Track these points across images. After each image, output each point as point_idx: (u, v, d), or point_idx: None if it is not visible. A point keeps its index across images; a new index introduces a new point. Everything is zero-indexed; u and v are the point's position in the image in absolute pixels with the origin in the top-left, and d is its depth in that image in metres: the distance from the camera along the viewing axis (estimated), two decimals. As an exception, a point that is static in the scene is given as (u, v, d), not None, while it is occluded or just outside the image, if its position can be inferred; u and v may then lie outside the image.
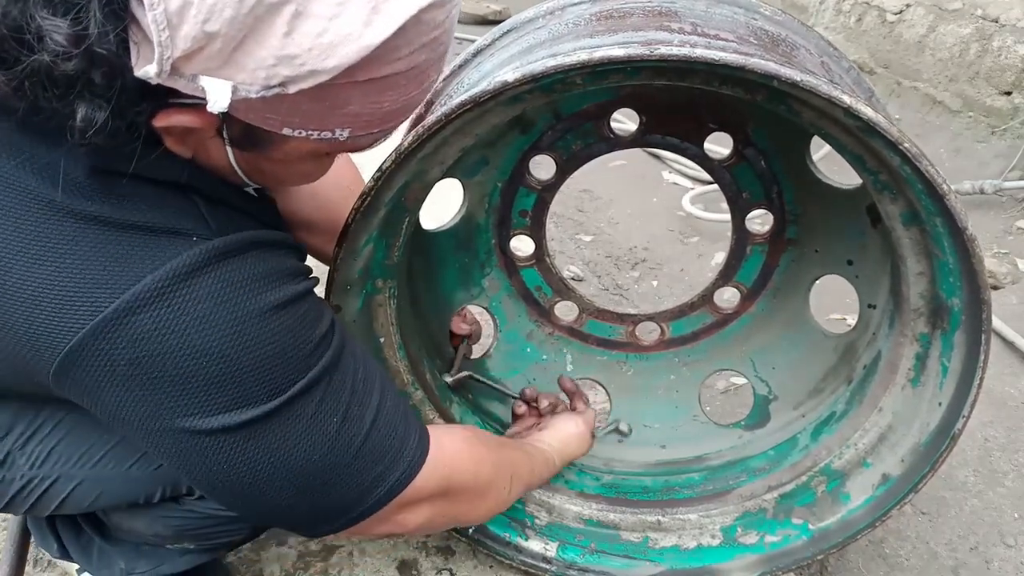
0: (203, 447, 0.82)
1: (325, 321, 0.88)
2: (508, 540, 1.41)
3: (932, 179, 0.95)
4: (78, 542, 1.20)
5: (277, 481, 0.86)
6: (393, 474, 0.92)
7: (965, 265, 1.05)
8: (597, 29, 1.06)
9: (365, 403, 0.90)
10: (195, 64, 0.69)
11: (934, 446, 1.20)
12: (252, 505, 0.90)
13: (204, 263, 0.78)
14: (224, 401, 0.80)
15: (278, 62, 0.70)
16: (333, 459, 0.87)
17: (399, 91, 0.77)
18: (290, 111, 0.74)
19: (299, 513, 0.93)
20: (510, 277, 1.58)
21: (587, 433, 1.39)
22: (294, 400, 0.83)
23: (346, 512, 0.92)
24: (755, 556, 1.37)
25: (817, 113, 1.01)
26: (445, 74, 1.28)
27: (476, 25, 5.46)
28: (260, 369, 0.80)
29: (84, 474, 1.03)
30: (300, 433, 0.84)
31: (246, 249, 0.82)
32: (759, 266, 1.53)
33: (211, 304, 0.78)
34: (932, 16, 3.37)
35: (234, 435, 0.82)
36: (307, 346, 0.84)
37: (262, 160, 0.84)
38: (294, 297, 0.84)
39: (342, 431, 0.87)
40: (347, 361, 0.90)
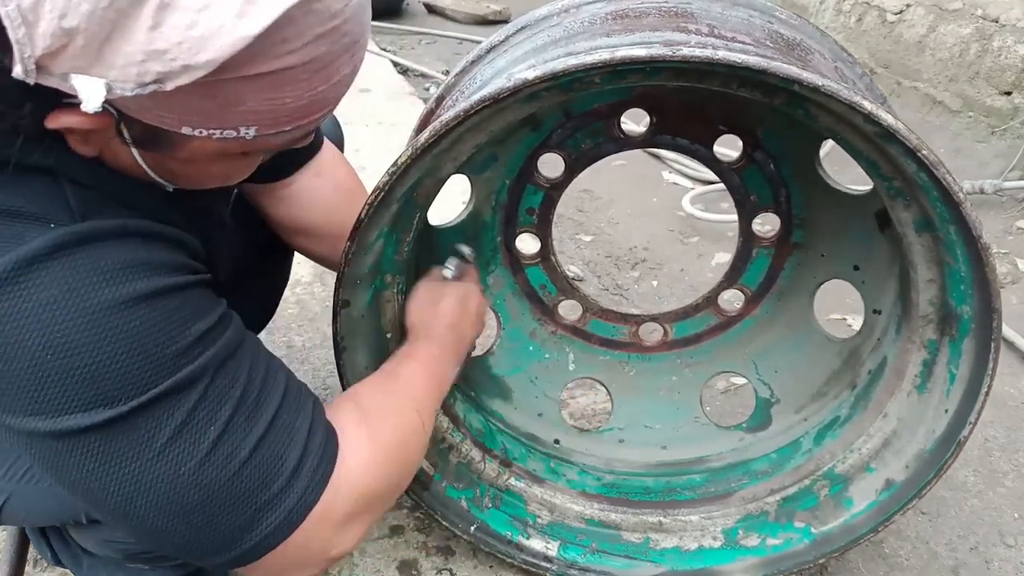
0: (59, 450, 0.75)
1: (207, 320, 0.81)
2: (509, 539, 1.40)
3: (948, 187, 0.95)
4: (68, 553, 1.18)
5: (145, 496, 0.77)
6: (289, 498, 0.82)
7: (978, 273, 1.05)
8: (613, 28, 1.06)
9: (254, 417, 0.81)
10: (62, 62, 0.65)
11: (939, 453, 1.20)
12: (128, 523, 0.80)
13: (56, 248, 0.73)
14: (74, 400, 0.73)
15: (147, 57, 0.65)
16: (206, 477, 0.78)
17: (299, 86, 0.72)
18: (183, 109, 0.70)
19: (183, 539, 0.82)
20: (515, 275, 1.58)
21: (429, 288, 1.26)
22: (156, 402, 0.75)
23: (234, 542, 0.82)
24: (756, 558, 1.37)
25: (835, 118, 1.01)
26: (457, 70, 1.27)
27: (476, 25, 5.44)
28: (113, 365, 0.73)
29: (11, 488, 0.99)
30: (166, 441, 0.76)
31: (107, 237, 0.76)
32: (764, 269, 1.53)
33: (58, 291, 0.72)
34: (932, 16, 3.38)
35: (88, 438, 0.74)
36: (175, 345, 0.76)
37: (169, 161, 0.80)
38: (161, 290, 0.77)
39: (219, 446, 0.78)
40: (237, 366, 0.82)
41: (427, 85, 4.18)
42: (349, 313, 1.19)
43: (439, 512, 1.36)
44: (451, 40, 5.06)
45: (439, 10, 5.75)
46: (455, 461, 1.43)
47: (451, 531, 1.38)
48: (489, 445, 1.49)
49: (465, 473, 1.43)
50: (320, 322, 2.07)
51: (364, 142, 3.16)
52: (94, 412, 0.74)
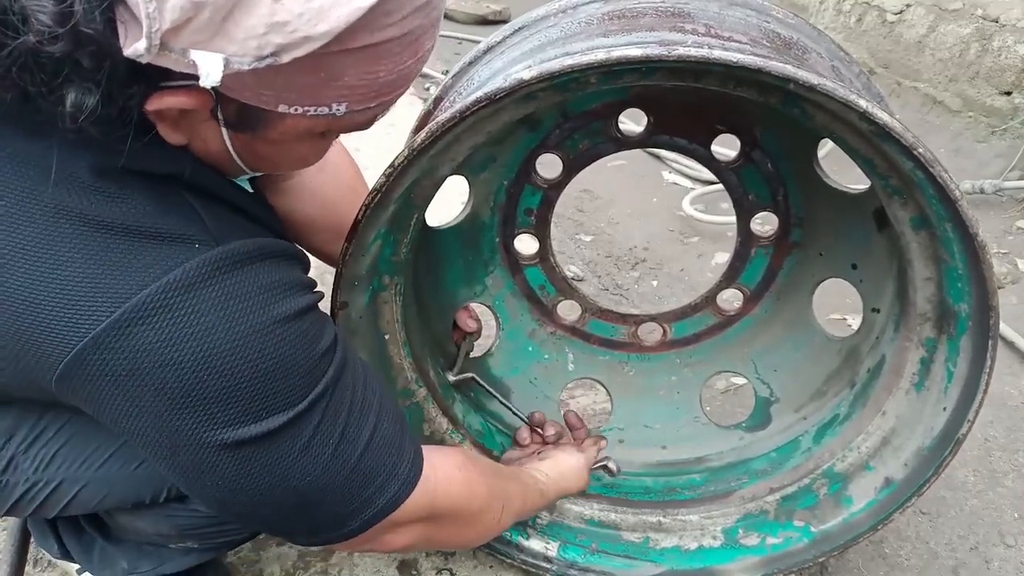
0: (200, 462, 0.81)
1: (328, 335, 0.87)
2: (509, 539, 1.40)
3: (945, 184, 0.95)
4: (79, 542, 1.19)
5: (271, 499, 0.85)
6: (384, 496, 0.91)
7: (974, 271, 1.05)
8: (610, 28, 1.06)
9: (362, 423, 0.89)
10: (184, 37, 0.67)
11: (938, 451, 1.20)
12: (245, 518, 0.90)
13: (208, 274, 0.77)
14: (224, 417, 0.78)
15: (268, 30, 0.67)
16: (327, 480, 0.86)
17: (394, 59, 0.75)
18: (285, 85, 0.72)
19: (289, 527, 0.93)
20: (513, 276, 1.58)
21: (585, 469, 1.36)
22: (296, 420, 0.82)
23: (334, 529, 0.92)
24: (756, 558, 1.37)
25: (831, 116, 1.01)
26: (454, 71, 1.27)
27: (476, 25, 5.43)
28: (262, 385, 0.79)
29: (89, 476, 1.02)
30: (298, 454, 0.83)
31: (251, 260, 0.81)
32: (763, 268, 1.53)
33: (213, 317, 0.76)
34: (932, 16, 3.38)
35: (232, 452, 0.80)
36: (310, 361, 0.83)
37: (258, 142, 0.82)
38: (299, 311, 0.83)
39: (338, 451, 0.86)
40: (347, 378, 0.88)
41: (427, 85, 4.18)
42: (347, 314, 1.19)
43: (438, 512, 1.36)
44: (451, 40, 5.06)
45: (439, 11, 5.74)
46: (454, 461, 1.43)
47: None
48: (488, 446, 1.49)
49: (465, 473, 1.44)
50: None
51: (364, 142, 3.15)
52: (239, 428, 0.79)
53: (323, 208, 1.34)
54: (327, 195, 1.34)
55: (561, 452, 1.36)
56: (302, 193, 1.31)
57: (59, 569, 1.36)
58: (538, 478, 1.27)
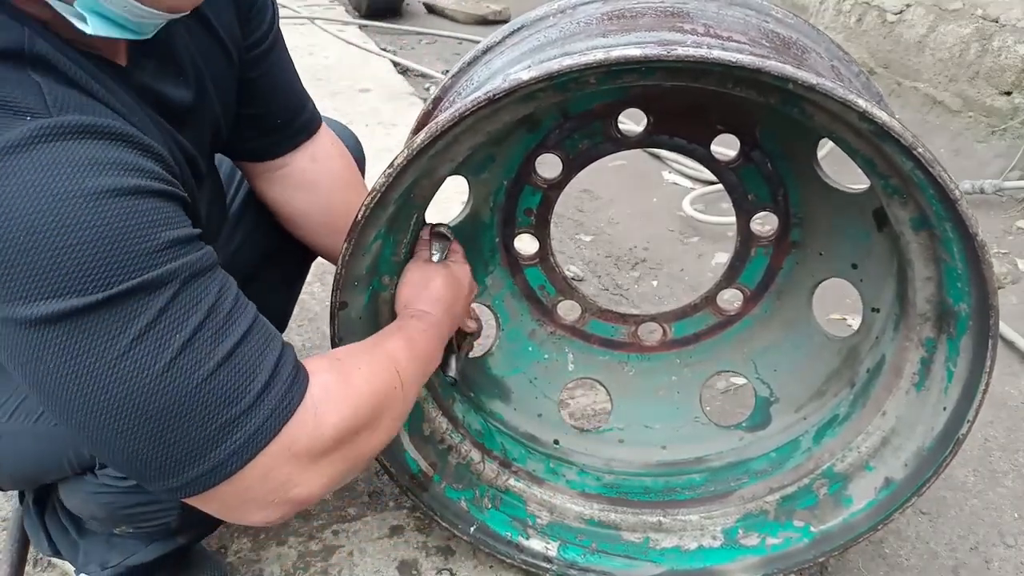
0: (23, 339, 0.74)
1: (179, 231, 0.79)
2: (509, 539, 1.41)
3: (944, 184, 0.95)
4: (66, 540, 1.19)
5: (104, 397, 0.75)
6: (252, 420, 0.80)
7: (974, 270, 1.05)
8: (609, 28, 1.06)
9: (223, 332, 0.79)
10: None
11: (938, 451, 1.20)
12: (85, 429, 0.78)
13: (30, 139, 0.72)
14: (41, 285, 0.72)
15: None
16: (170, 384, 0.76)
17: None
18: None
19: (140, 451, 0.79)
20: (513, 276, 1.58)
21: (418, 266, 1.23)
22: (123, 297, 0.74)
23: (192, 461, 0.79)
24: (756, 558, 1.37)
25: (830, 116, 1.01)
26: (454, 71, 1.27)
27: (476, 25, 5.44)
28: (82, 254, 0.72)
29: (2, 428, 1.01)
30: (130, 341, 0.74)
31: (83, 133, 0.75)
32: (763, 268, 1.53)
33: (31, 178, 0.71)
34: (932, 16, 3.38)
35: (53, 328, 0.73)
36: (147, 243, 0.75)
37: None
38: (134, 189, 0.76)
39: (184, 353, 0.76)
40: (207, 283, 0.80)
41: (427, 85, 4.19)
42: (347, 314, 1.19)
43: (439, 513, 1.36)
44: (451, 40, 5.07)
45: (439, 10, 5.75)
46: (454, 462, 1.44)
47: (451, 531, 1.38)
48: (488, 446, 1.49)
49: (465, 474, 1.44)
50: (320, 322, 2.07)
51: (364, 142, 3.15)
52: (60, 300, 0.72)
53: (313, 198, 1.32)
54: (320, 185, 1.32)
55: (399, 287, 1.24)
56: (295, 182, 1.30)
57: (59, 569, 1.36)
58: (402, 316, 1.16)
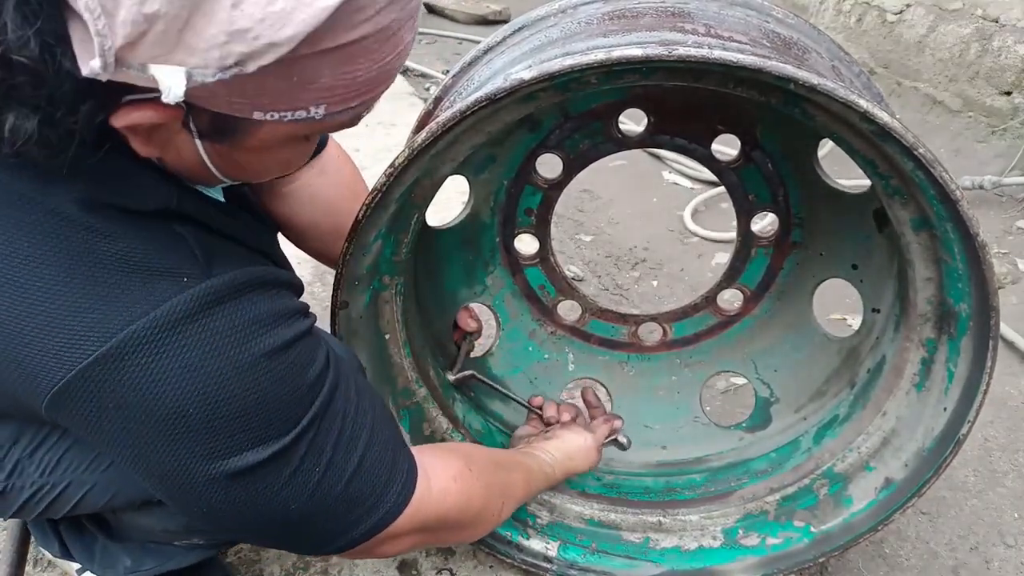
0: (185, 492, 0.82)
1: (319, 362, 0.86)
2: (509, 539, 1.40)
3: (945, 185, 0.95)
4: (81, 541, 1.19)
5: (257, 524, 0.87)
6: (372, 517, 0.91)
7: (975, 271, 1.05)
8: (610, 28, 1.06)
9: (351, 448, 0.88)
10: (141, 52, 0.63)
11: (938, 451, 1.20)
12: (234, 534, 0.94)
13: (195, 310, 0.76)
14: (208, 450, 0.79)
15: (230, 39, 0.63)
16: (313, 506, 0.86)
17: (371, 57, 0.71)
18: (257, 92, 0.69)
19: (277, 543, 0.98)
20: (513, 276, 1.58)
21: (594, 448, 1.36)
22: (281, 453, 0.82)
23: (321, 547, 0.93)
24: (756, 558, 1.37)
25: (831, 117, 1.01)
26: (455, 71, 1.27)
27: (476, 25, 5.43)
28: (246, 419, 0.79)
29: (96, 478, 1.02)
30: (282, 484, 0.83)
31: (239, 292, 0.80)
32: (763, 268, 1.53)
33: (199, 353, 0.76)
34: (932, 16, 3.38)
35: (216, 483, 0.81)
36: (297, 392, 0.83)
37: (236, 152, 0.79)
38: (286, 343, 0.82)
39: (324, 479, 0.86)
40: (337, 405, 0.87)
41: (427, 85, 4.18)
42: (348, 314, 1.19)
43: (439, 512, 1.36)
44: (451, 40, 5.06)
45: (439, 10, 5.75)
46: (455, 461, 1.43)
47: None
48: (489, 446, 1.49)
49: (465, 473, 1.43)
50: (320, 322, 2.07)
51: (364, 142, 3.16)
52: (225, 460, 0.79)
53: (325, 212, 1.33)
54: (329, 198, 1.33)
55: (569, 432, 1.36)
56: (303, 197, 1.31)
57: (59, 569, 1.36)
58: (543, 460, 1.26)
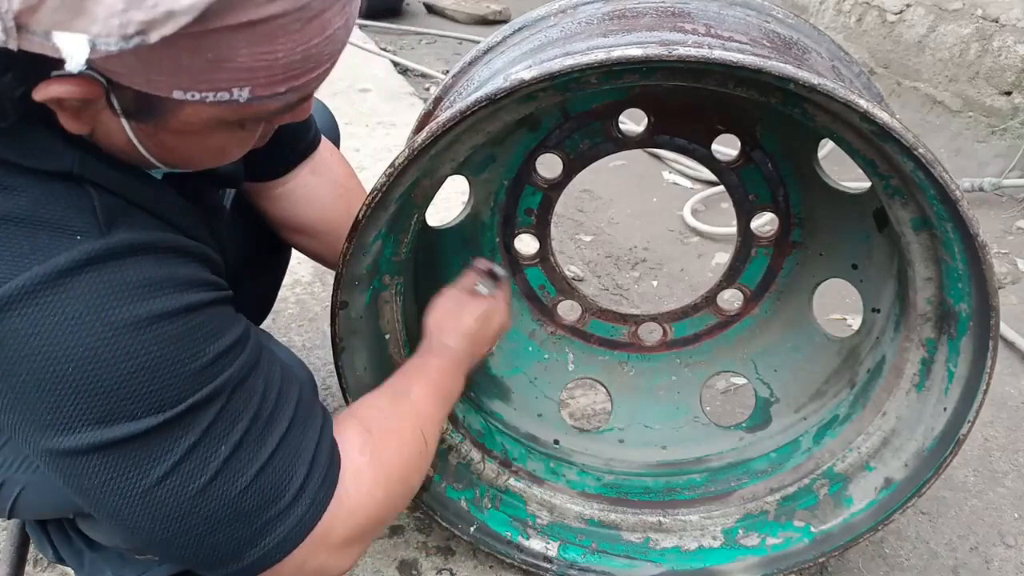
0: (72, 464, 0.75)
1: (228, 337, 0.81)
2: (509, 539, 1.40)
3: (945, 185, 0.95)
4: (70, 548, 1.18)
5: (152, 512, 0.78)
6: (285, 524, 0.83)
7: (975, 271, 1.05)
8: (610, 28, 1.06)
9: (263, 439, 0.81)
10: (43, 18, 0.62)
11: (938, 451, 1.20)
12: (133, 535, 0.81)
13: (82, 264, 0.73)
14: (89, 415, 0.73)
15: (128, 5, 0.62)
16: (213, 497, 0.79)
17: (292, 38, 0.69)
18: (172, 69, 0.67)
19: (186, 552, 0.82)
20: (514, 276, 1.58)
21: (459, 296, 1.24)
22: (172, 422, 0.76)
23: (234, 558, 0.83)
24: (756, 558, 1.37)
25: (831, 117, 1.01)
26: (455, 71, 1.27)
27: (476, 25, 5.44)
28: (132, 382, 0.73)
29: (26, 479, 1.00)
30: (178, 460, 0.76)
31: (132, 252, 0.76)
32: (763, 268, 1.53)
33: (81, 307, 0.72)
34: (932, 16, 3.38)
35: (101, 454, 0.75)
36: (195, 363, 0.77)
37: (163, 133, 0.76)
38: (183, 308, 0.77)
39: (227, 466, 0.79)
40: (252, 387, 0.82)
41: (427, 85, 4.18)
42: (348, 314, 1.19)
43: (439, 513, 1.36)
44: (451, 40, 5.07)
45: (439, 10, 5.75)
46: (455, 462, 1.43)
47: (451, 531, 1.38)
48: (489, 446, 1.49)
49: (465, 474, 1.44)
50: (320, 322, 2.07)
51: (364, 142, 3.16)
52: (108, 428, 0.74)
53: (318, 211, 1.33)
54: (322, 199, 1.33)
55: (433, 302, 1.25)
56: (296, 197, 1.31)
57: (59, 570, 1.36)
58: (432, 346, 1.17)
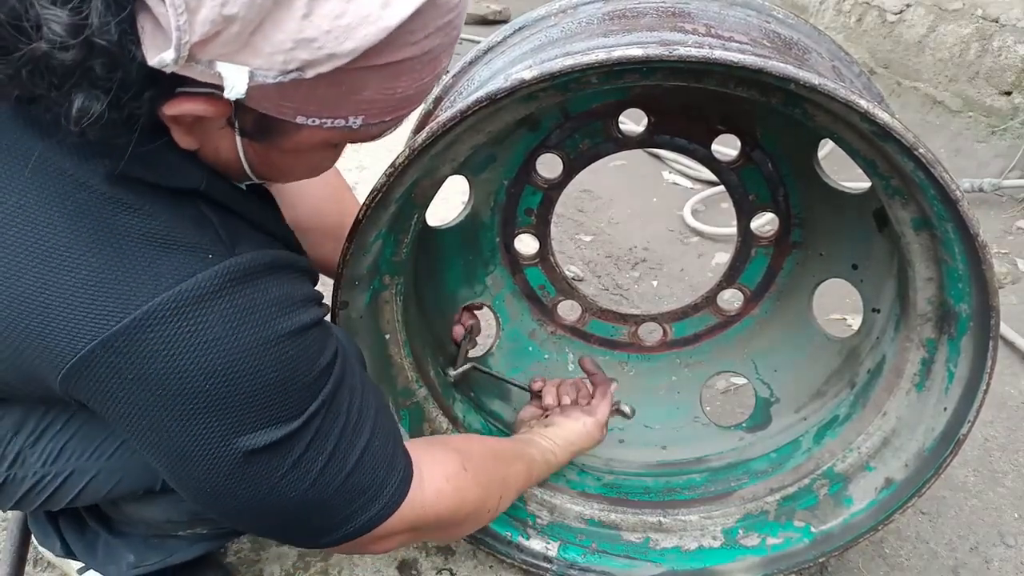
0: (195, 469, 0.83)
1: (329, 350, 0.88)
2: (509, 539, 1.40)
3: (946, 185, 0.95)
4: (83, 538, 1.19)
5: (255, 507, 0.88)
6: (366, 514, 0.92)
7: (975, 271, 1.05)
8: (611, 28, 1.06)
9: (353, 442, 0.90)
10: (212, 49, 0.68)
11: (938, 451, 1.20)
12: (227, 517, 0.93)
13: (219, 285, 0.78)
14: (221, 427, 0.80)
15: (296, 45, 0.68)
16: (312, 495, 0.88)
17: (413, 76, 0.76)
18: (306, 98, 0.73)
19: (270, 532, 1.01)
20: (513, 276, 1.58)
21: (595, 429, 1.36)
22: (290, 436, 0.83)
23: (313, 539, 0.94)
24: (756, 558, 1.37)
25: (831, 117, 1.01)
26: (455, 71, 1.27)
27: (476, 25, 5.43)
28: (261, 398, 0.80)
29: (100, 466, 1.03)
30: (288, 468, 0.85)
31: (261, 272, 0.82)
32: (763, 268, 1.53)
33: (220, 329, 0.78)
34: (932, 16, 3.38)
35: (224, 461, 0.82)
36: (310, 377, 0.84)
37: (272, 152, 0.83)
38: (303, 326, 0.84)
39: (327, 468, 0.87)
40: (343, 395, 0.89)
41: (427, 86, 4.18)
42: (348, 314, 1.19)
43: (439, 512, 1.36)
44: (451, 41, 5.06)
45: (439, 11, 5.74)
46: (455, 461, 1.43)
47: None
48: (489, 440, 1.49)
49: (465, 473, 1.43)
50: (320, 323, 2.07)
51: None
52: (235, 439, 0.81)
53: (309, 211, 1.34)
54: (316, 197, 1.35)
55: (567, 419, 1.36)
56: (287, 198, 1.31)
57: (59, 570, 1.36)
58: (544, 446, 1.28)
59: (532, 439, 1.30)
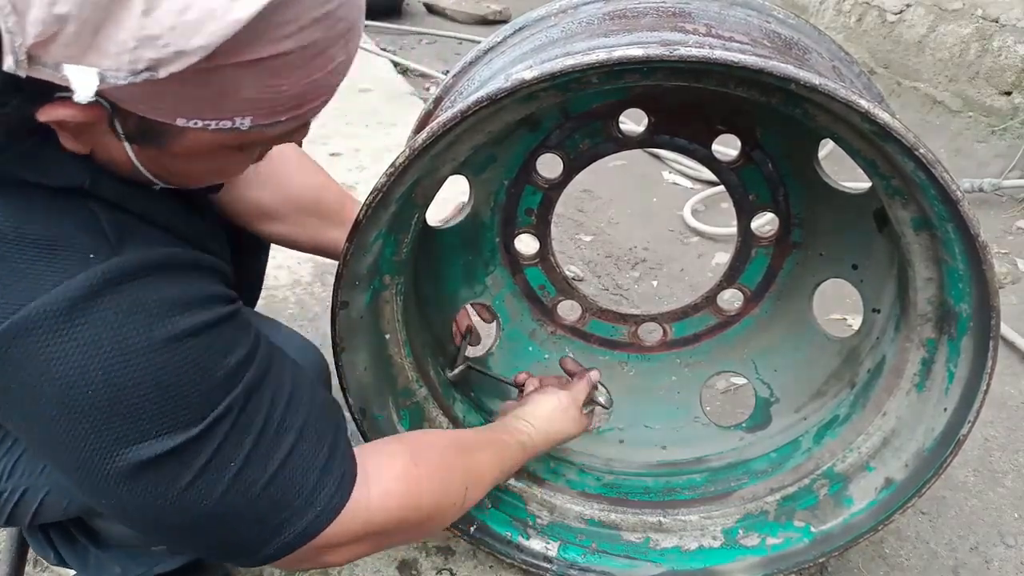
0: (92, 482, 0.78)
1: (239, 351, 0.82)
2: (509, 539, 1.40)
3: (946, 185, 0.95)
4: (73, 550, 1.19)
5: (170, 522, 0.82)
6: (300, 521, 0.86)
7: (975, 271, 1.05)
8: (611, 28, 1.06)
9: (275, 445, 0.84)
10: (54, 51, 0.64)
11: (938, 451, 1.20)
12: (152, 538, 0.88)
13: (98, 287, 0.74)
14: (108, 437, 0.75)
15: (139, 44, 0.64)
16: (228, 506, 0.82)
17: (295, 73, 0.71)
18: (177, 99, 0.69)
19: (202, 549, 0.90)
20: (513, 276, 1.58)
21: (571, 405, 1.30)
22: (190, 443, 0.78)
23: (250, 553, 0.87)
24: (756, 558, 1.37)
25: (832, 117, 1.01)
26: (455, 71, 1.27)
27: (476, 25, 5.43)
28: (151, 405, 0.75)
29: (50, 483, 1.01)
30: (192, 477, 0.79)
31: (147, 272, 0.77)
32: (763, 269, 1.53)
33: (102, 332, 0.73)
34: (932, 16, 3.38)
35: (119, 473, 0.77)
36: (211, 381, 0.79)
37: (164, 156, 0.78)
38: (198, 326, 0.79)
39: (240, 478, 0.81)
40: (260, 399, 0.83)
41: (427, 85, 4.18)
42: (348, 314, 1.19)
43: (439, 512, 1.36)
44: (451, 40, 5.06)
45: (439, 10, 5.75)
46: (455, 461, 1.43)
47: (450, 531, 1.38)
48: (488, 445, 1.49)
49: (465, 473, 1.43)
50: (320, 322, 2.07)
51: (364, 142, 3.16)
52: (131, 448, 0.75)
53: (282, 195, 1.31)
54: (277, 176, 1.30)
55: (541, 394, 1.31)
56: (252, 183, 1.27)
57: (58, 570, 1.36)
58: (518, 428, 1.22)
59: (504, 424, 1.25)
